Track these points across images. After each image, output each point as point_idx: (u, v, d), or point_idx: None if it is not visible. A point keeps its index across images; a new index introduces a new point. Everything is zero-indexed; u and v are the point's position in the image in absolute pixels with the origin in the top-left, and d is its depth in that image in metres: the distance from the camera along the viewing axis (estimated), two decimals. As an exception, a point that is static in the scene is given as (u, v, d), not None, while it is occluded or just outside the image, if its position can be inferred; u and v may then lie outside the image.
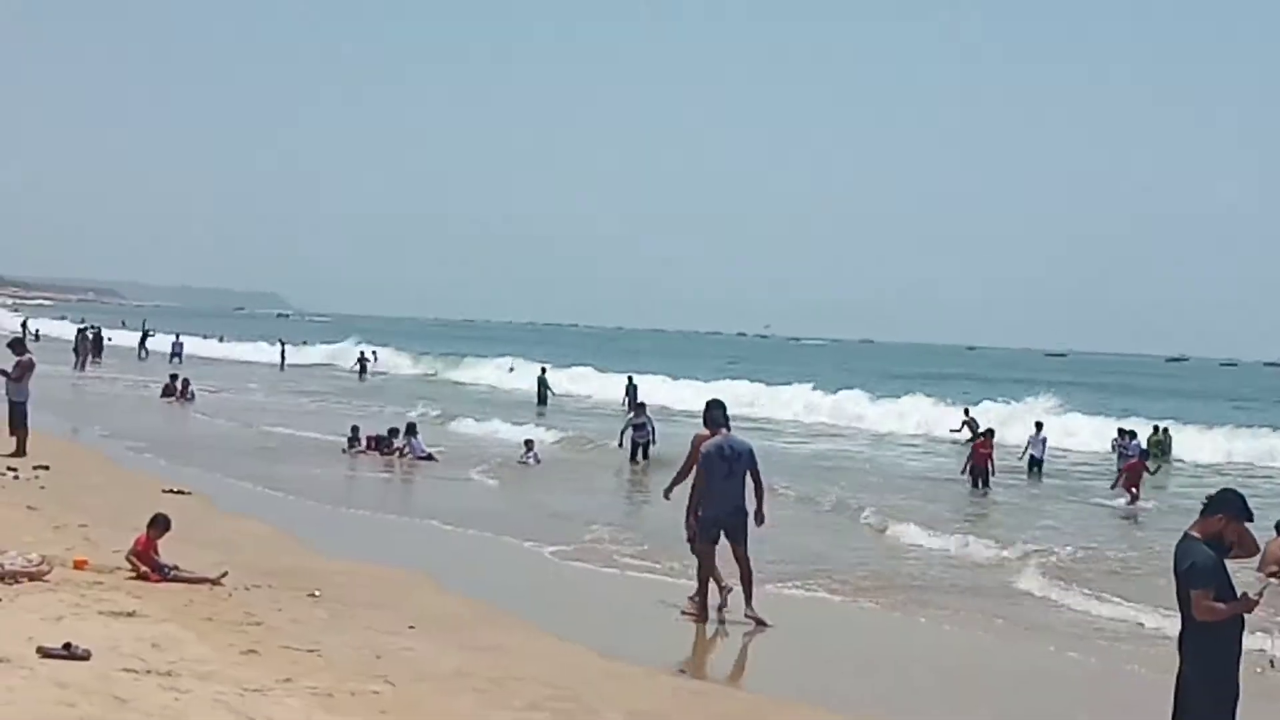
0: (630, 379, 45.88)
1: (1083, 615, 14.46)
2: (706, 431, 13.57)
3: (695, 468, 13.47)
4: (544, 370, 49.15)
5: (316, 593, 12.65)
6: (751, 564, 13.30)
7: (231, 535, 15.86)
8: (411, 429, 26.90)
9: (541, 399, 46.83)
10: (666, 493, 14.51)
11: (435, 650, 10.84)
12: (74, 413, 32.98)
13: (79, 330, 59.19)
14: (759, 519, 13.39)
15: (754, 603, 13.16)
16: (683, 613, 13.46)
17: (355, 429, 27.58)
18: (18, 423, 21.77)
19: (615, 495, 24.35)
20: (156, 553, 12.43)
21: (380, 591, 13.36)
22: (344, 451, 26.72)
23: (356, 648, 10.58)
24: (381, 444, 26.68)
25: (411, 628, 11.61)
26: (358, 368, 60.90)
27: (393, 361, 69.56)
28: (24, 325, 69.91)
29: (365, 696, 9.07)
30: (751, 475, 13.33)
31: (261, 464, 24.54)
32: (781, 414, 47.01)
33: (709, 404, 13.90)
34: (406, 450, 26.17)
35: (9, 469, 19.53)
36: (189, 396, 38.40)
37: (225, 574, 12.57)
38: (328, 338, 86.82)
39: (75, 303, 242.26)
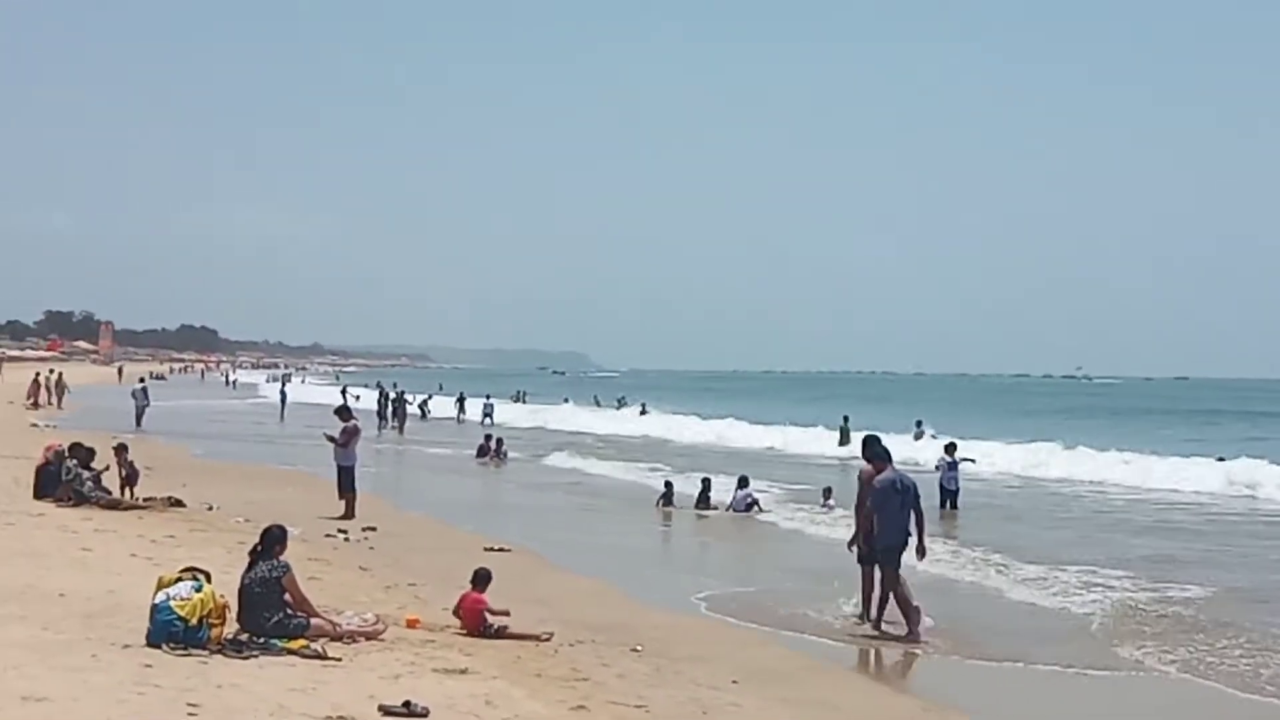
0: (919, 423, 45.59)
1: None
2: (870, 467, 14.89)
3: (867, 499, 14.76)
4: (846, 419, 48.67)
5: (638, 647, 12.72)
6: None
7: (552, 591, 16.12)
8: (743, 481, 26.98)
9: (844, 443, 46.37)
10: (851, 544, 15.33)
11: (761, 705, 10.71)
12: (393, 475, 34.30)
13: (380, 394, 61.78)
14: (921, 552, 14.69)
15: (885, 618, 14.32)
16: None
17: (669, 484, 27.89)
18: (346, 486, 22.71)
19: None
20: (482, 608, 12.74)
21: (699, 645, 13.31)
22: (657, 506, 26.96)
23: (681, 702, 10.55)
24: (701, 499, 26.87)
25: (734, 682, 11.51)
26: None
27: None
28: (344, 392, 73.06)
29: (695, 753, 9.02)
30: (914, 509, 14.52)
31: (576, 520, 25.09)
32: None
33: (868, 440, 15.29)
34: (725, 504, 26.27)
35: (340, 531, 20.43)
36: (502, 456, 39.54)
37: (551, 634, 12.76)
38: (618, 393, 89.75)
39: (388, 368, 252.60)
